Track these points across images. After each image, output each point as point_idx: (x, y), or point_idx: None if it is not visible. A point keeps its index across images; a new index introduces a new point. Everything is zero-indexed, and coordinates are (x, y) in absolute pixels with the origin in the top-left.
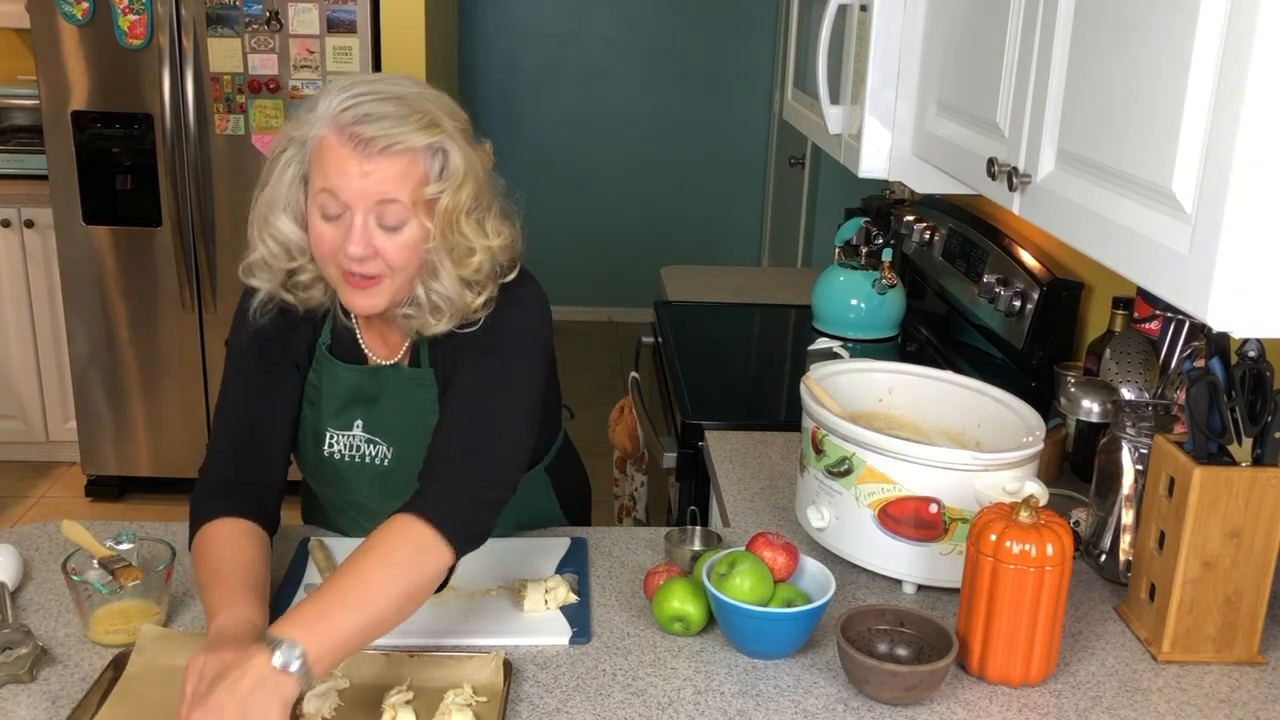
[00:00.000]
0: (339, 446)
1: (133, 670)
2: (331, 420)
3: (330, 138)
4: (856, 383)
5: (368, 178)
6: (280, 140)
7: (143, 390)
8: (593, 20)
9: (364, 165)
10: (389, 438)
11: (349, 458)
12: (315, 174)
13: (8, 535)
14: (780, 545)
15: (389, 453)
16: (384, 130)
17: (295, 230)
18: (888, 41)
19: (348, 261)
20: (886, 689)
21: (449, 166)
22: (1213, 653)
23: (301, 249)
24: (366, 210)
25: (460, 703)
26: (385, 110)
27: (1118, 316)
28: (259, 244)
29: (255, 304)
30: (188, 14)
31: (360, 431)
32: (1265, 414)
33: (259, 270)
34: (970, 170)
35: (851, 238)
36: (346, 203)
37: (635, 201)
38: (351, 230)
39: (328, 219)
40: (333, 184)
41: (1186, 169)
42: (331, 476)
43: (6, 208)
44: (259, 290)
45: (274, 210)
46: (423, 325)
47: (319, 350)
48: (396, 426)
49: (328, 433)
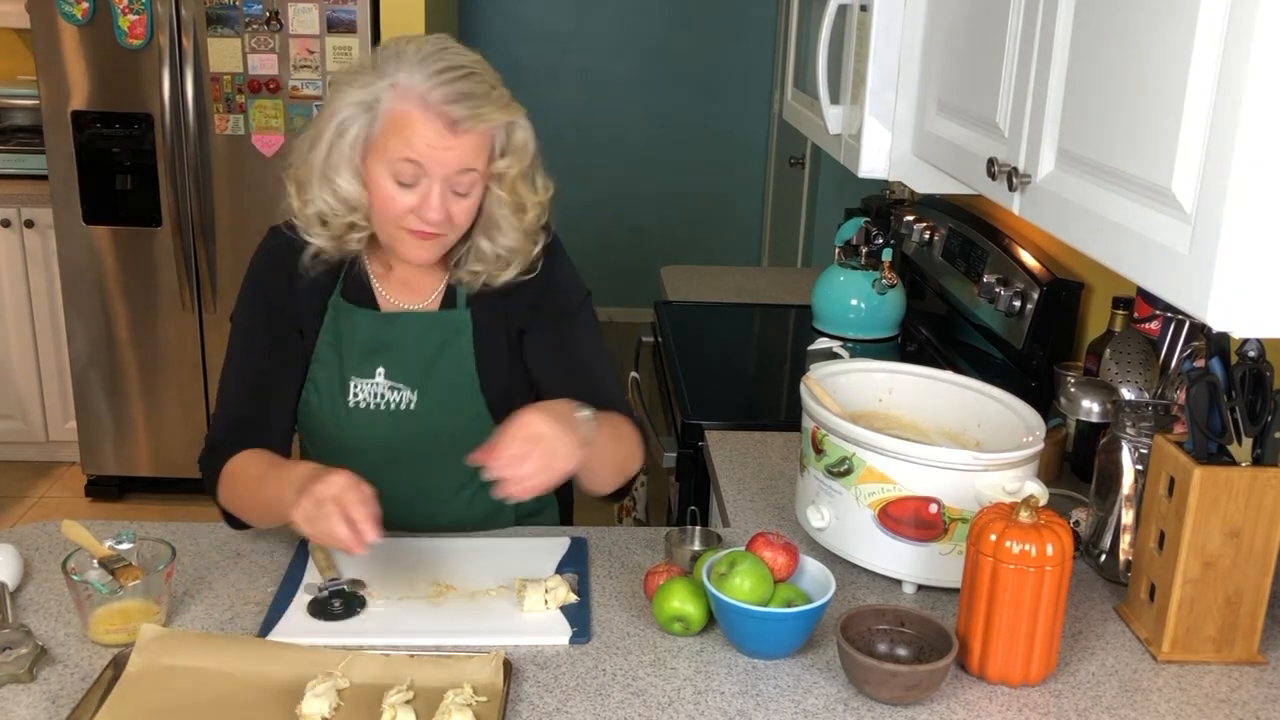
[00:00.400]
0: (364, 395)
1: (133, 670)
2: (354, 369)
3: (416, 114)
4: (856, 383)
5: (450, 151)
6: (338, 102)
7: (143, 390)
8: (593, 20)
9: (448, 140)
10: (411, 381)
11: (374, 405)
12: (395, 144)
13: (8, 535)
14: (780, 545)
15: (413, 397)
16: (472, 110)
17: (357, 187)
18: (888, 41)
19: (419, 224)
20: (886, 689)
21: (515, 139)
22: (1213, 653)
23: (361, 204)
24: (445, 179)
25: (460, 703)
26: (471, 88)
27: (1118, 316)
28: (317, 200)
29: (306, 257)
30: (188, 14)
31: (383, 379)
32: (1265, 414)
33: (315, 225)
34: (970, 170)
35: (851, 238)
36: (428, 172)
37: (635, 201)
38: (430, 197)
39: (403, 184)
40: (419, 155)
41: (1186, 169)
42: (357, 430)
43: (6, 208)
44: (308, 245)
45: (336, 169)
46: (490, 277)
47: (333, 304)
48: (418, 370)
49: (352, 382)
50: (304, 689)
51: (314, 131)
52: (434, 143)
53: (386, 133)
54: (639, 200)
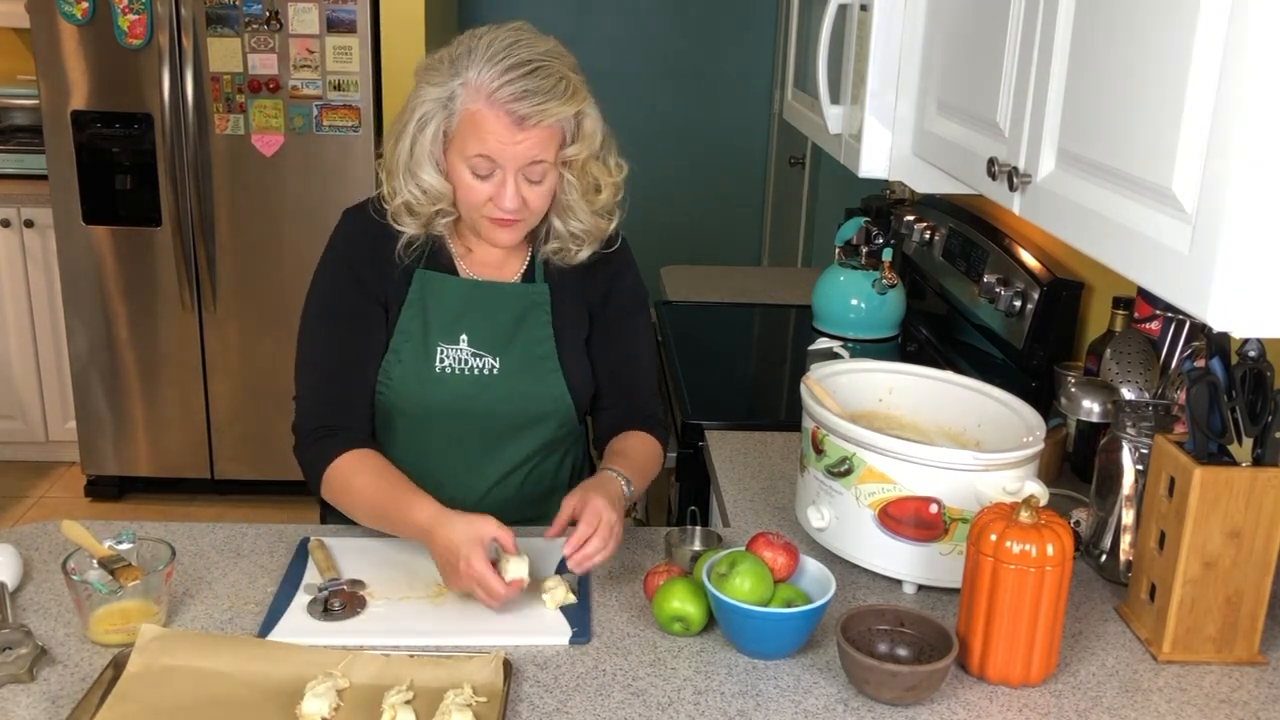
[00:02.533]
0: (449, 361)
1: (133, 670)
2: (442, 335)
3: (485, 112)
4: (856, 383)
5: (520, 144)
6: (417, 96)
7: (143, 390)
8: (593, 20)
9: (517, 135)
10: (493, 349)
11: (459, 371)
12: (470, 140)
13: (8, 535)
14: (780, 545)
15: (496, 364)
16: (537, 108)
17: (439, 180)
18: (888, 41)
19: (498, 212)
20: (886, 689)
21: (583, 128)
22: (1213, 653)
23: (444, 194)
24: (517, 170)
25: (460, 703)
26: (535, 85)
27: (1118, 316)
28: (404, 191)
29: (400, 246)
30: (187, 14)
31: (466, 345)
32: (1265, 414)
33: (404, 215)
34: (970, 170)
35: (851, 238)
36: (501, 165)
37: (635, 201)
38: (505, 188)
39: (479, 176)
40: (490, 150)
41: (1187, 169)
42: (442, 397)
43: (6, 208)
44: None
45: (420, 164)
46: (569, 255)
47: (418, 275)
48: (499, 338)
49: (438, 348)
50: (304, 689)
51: (399, 126)
52: (503, 138)
53: (461, 129)
54: (639, 200)
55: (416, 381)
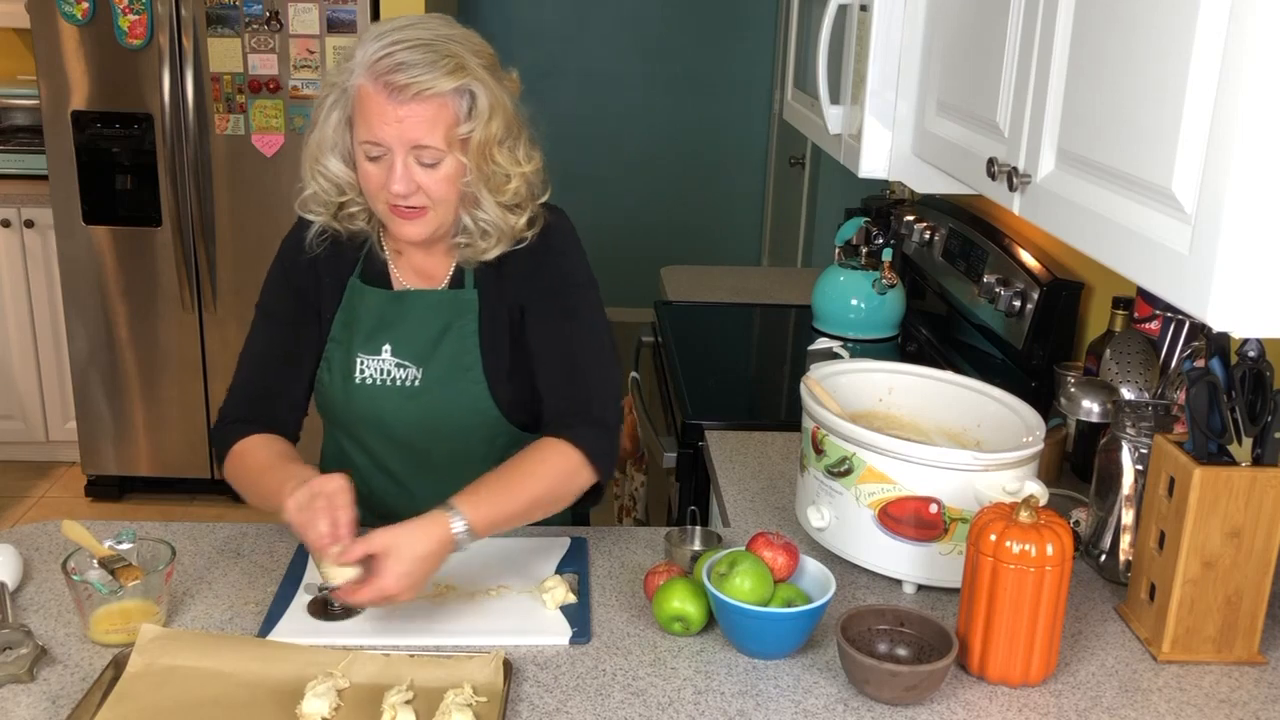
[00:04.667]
0: (370, 371)
1: (133, 670)
2: (362, 346)
3: (367, 86)
4: (856, 383)
5: (402, 122)
6: (325, 86)
7: (143, 390)
8: (593, 20)
9: (398, 110)
10: (416, 359)
11: (380, 381)
12: (358, 122)
13: (8, 535)
14: (780, 545)
15: (419, 374)
16: (413, 78)
17: (344, 169)
18: (888, 41)
19: (393, 198)
20: (886, 689)
21: (477, 105)
22: (1213, 653)
23: (350, 184)
24: (405, 152)
25: (460, 703)
26: (415, 58)
27: (1118, 316)
28: (311, 182)
29: (311, 234)
30: (188, 14)
31: (390, 355)
32: (1265, 414)
33: (312, 204)
34: (970, 170)
35: (851, 238)
36: (387, 146)
37: (635, 201)
38: (393, 170)
39: (372, 160)
40: (374, 131)
41: (1186, 169)
42: (364, 407)
43: (6, 208)
44: (313, 224)
45: (324, 151)
46: (477, 251)
47: (350, 285)
48: (423, 348)
49: (358, 359)
50: (304, 689)
51: (311, 118)
52: (385, 115)
53: (355, 111)
54: (639, 200)
55: (341, 391)
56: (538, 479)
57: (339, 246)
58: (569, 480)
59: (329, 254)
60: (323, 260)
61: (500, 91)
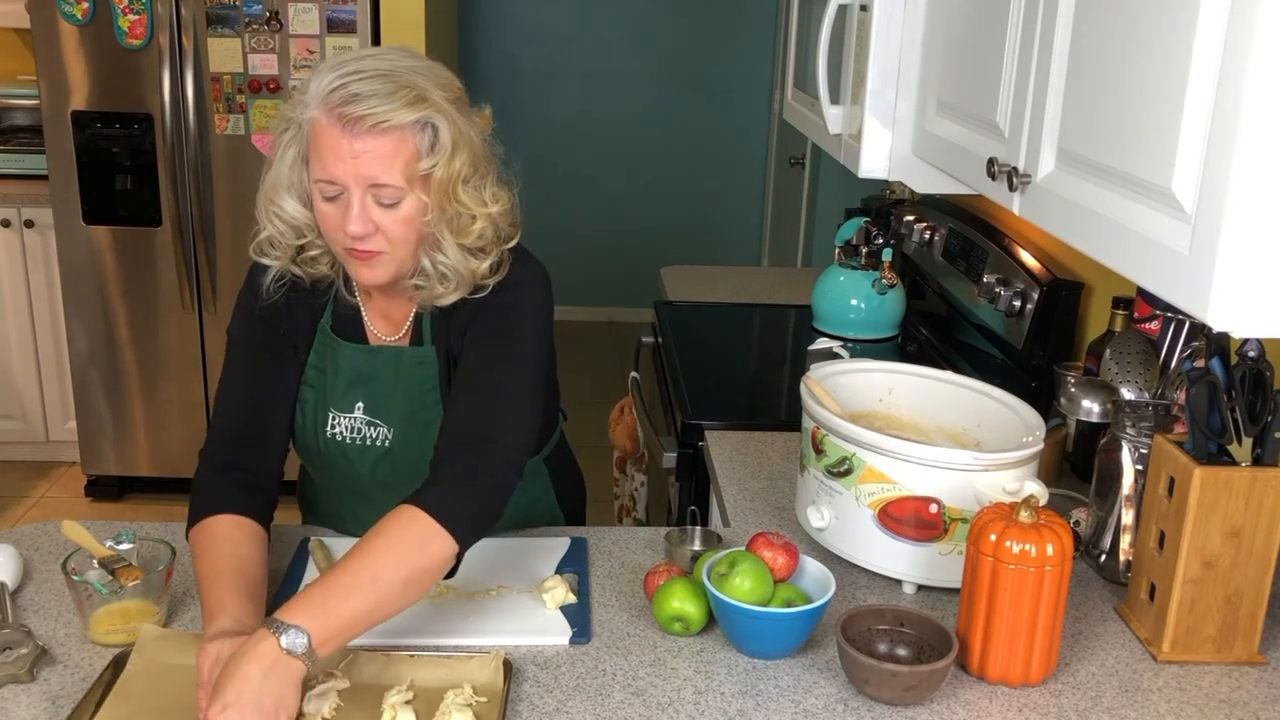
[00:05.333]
0: (341, 428)
1: (133, 670)
2: (335, 402)
3: (321, 119)
4: (856, 383)
5: (359, 158)
6: (279, 121)
7: (143, 390)
8: (593, 20)
9: (354, 145)
10: (389, 419)
11: (351, 440)
12: (313, 158)
13: (8, 535)
14: (780, 545)
15: (389, 434)
16: (369, 109)
17: (300, 210)
18: (888, 41)
19: (348, 240)
20: (886, 689)
21: (439, 140)
22: (1213, 653)
23: (308, 226)
24: (363, 190)
25: (460, 703)
26: (371, 89)
27: (1118, 316)
28: (266, 224)
29: (268, 280)
30: (188, 14)
31: (361, 414)
32: (1265, 414)
33: (268, 248)
34: (970, 170)
35: (851, 238)
36: (343, 184)
37: (635, 201)
38: (350, 210)
39: (328, 200)
40: (328, 168)
41: (1186, 169)
42: (335, 459)
43: (6, 208)
44: (270, 268)
45: (278, 192)
46: (434, 295)
47: (321, 331)
48: (396, 407)
49: (330, 414)
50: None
51: (268, 155)
52: (339, 150)
53: (310, 148)
54: (639, 200)
55: (314, 439)
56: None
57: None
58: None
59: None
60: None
61: (466, 126)
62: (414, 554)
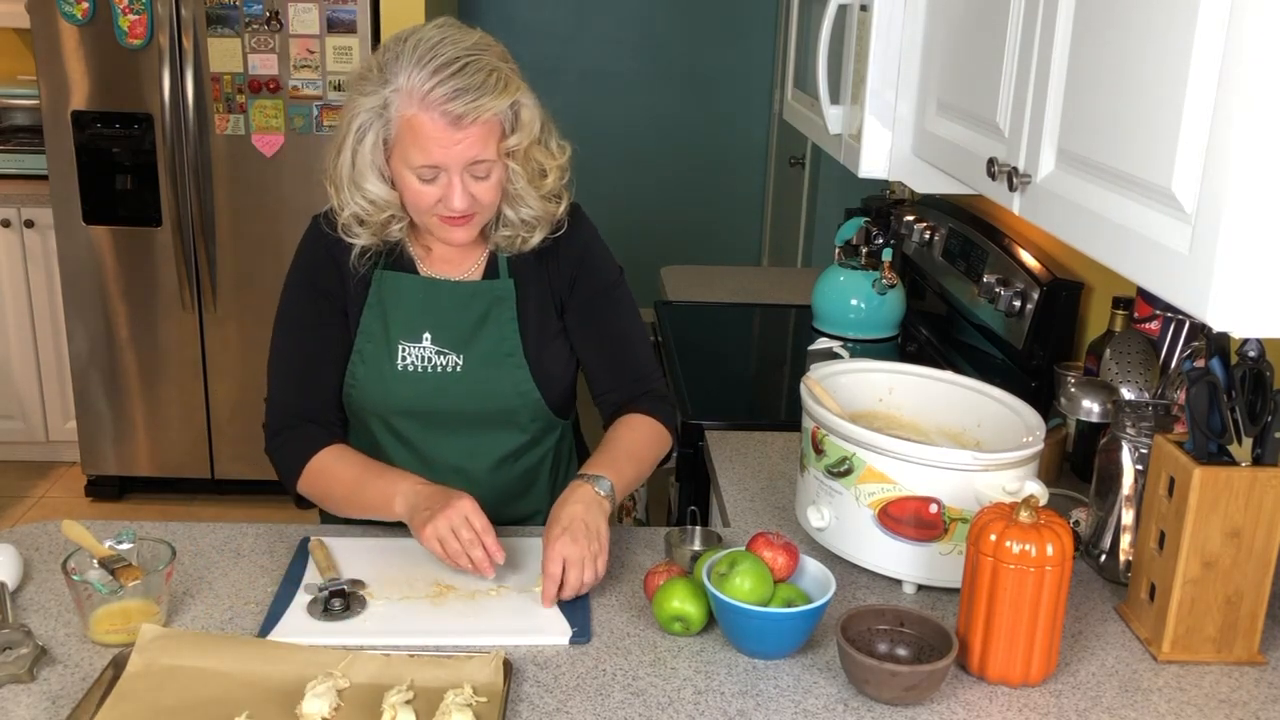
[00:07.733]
0: (412, 359)
1: (133, 670)
2: (402, 334)
3: (421, 116)
4: (856, 383)
5: (459, 144)
6: (352, 107)
7: (143, 390)
8: (593, 20)
9: (456, 135)
10: (455, 346)
11: (422, 369)
12: (411, 149)
13: (8, 535)
14: (780, 545)
15: (459, 360)
16: (471, 105)
17: (385, 189)
18: (888, 41)
19: (449, 211)
20: (886, 689)
21: (521, 117)
22: (1213, 653)
23: (391, 202)
24: (462, 169)
25: (460, 703)
26: (466, 83)
27: (1118, 316)
28: (350, 203)
29: (354, 256)
30: (188, 14)
31: (429, 344)
32: (1265, 414)
33: (356, 227)
34: (970, 170)
35: (851, 238)
36: (445, 168)
37: (635, 201)
38: (452, 188)
39: (425, 181)
40: (432, 155)
41: (1186, 169)
42: (408, 392)
43: (6, 208)
44: (352, 245)
45: (363, 175)
46: (522, 242)
47: (377, 275)
48: (462, 336)
49: (400, 346)
50: (304, 689)
51: (338, 139)
52: (442, 141)
53: (401, 136)
54: (639, 200)
55: (380, 380)
56: (646, 445)
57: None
58: (661, 448)
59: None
60: (343, 261)
61: (531, 94)
62: (659, 444)
